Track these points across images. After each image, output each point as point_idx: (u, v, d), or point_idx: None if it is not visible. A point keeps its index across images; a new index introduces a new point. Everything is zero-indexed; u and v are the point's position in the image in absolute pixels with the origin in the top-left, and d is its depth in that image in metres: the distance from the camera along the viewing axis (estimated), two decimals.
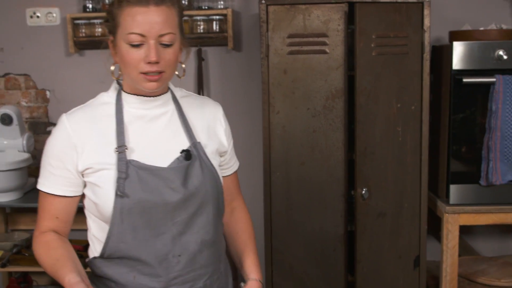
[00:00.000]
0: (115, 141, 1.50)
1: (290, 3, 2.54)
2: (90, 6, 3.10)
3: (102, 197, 1.48)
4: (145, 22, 1.42)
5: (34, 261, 2.96)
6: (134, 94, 1.54)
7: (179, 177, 1.50)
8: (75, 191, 1.53)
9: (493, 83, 2.55)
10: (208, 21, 3.05)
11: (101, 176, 1.48)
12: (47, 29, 3.21)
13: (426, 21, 2.55)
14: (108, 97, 1.57)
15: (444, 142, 2.72)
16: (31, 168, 3.11)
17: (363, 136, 2.59)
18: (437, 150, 2.79)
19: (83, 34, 3.12)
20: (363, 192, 2.60)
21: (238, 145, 3.15)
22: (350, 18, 2.55)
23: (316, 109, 2.59)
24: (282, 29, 2.56)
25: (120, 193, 1.45)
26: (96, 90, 1.65)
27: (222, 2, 3.08)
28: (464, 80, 2.55)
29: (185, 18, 3.03)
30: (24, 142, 3.07)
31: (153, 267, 1.50)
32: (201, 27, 3.06)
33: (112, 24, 1.48)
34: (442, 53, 2.73)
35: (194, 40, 3.06)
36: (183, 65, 1.58)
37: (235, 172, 1.77)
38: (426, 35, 2.55)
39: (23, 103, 3.31)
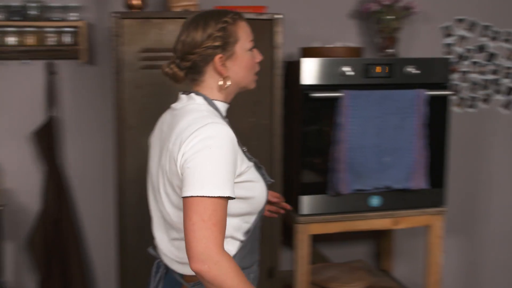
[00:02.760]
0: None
1: (144, 17, 2.52)
2: None
3: (259, 190, 1.65)
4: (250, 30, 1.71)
5: None
6: (223, 102, 1.69)
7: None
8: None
9: (339, 98, 2.69)
10: (60, 33, 2.93)
11: (252, 172, 1.64)
12: None
13: (278, 38, 2.64)
14: (205, 106, 1.64)
15: (295, 154, 2.82)
16: None
17: None
18: (291, 162, 2.89)
19: None
20: None
21: (91, 161, 3.07)
22: None
23: None
24: (136, 43, 2.53)
25: (269, 181, 1.71)
26: None
27: (76, 14, 2.98)
28: (311, 94, 2.66)
29: (35, 29, 2.90)
30: None
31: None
32: (53, 39, 2.93)
33: (228, 40, 1.62)
34: (293, 69, 2.84)
35: (45, 53, 2.93)
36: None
37: None
38: (277, 52, 2.64)
39: None
